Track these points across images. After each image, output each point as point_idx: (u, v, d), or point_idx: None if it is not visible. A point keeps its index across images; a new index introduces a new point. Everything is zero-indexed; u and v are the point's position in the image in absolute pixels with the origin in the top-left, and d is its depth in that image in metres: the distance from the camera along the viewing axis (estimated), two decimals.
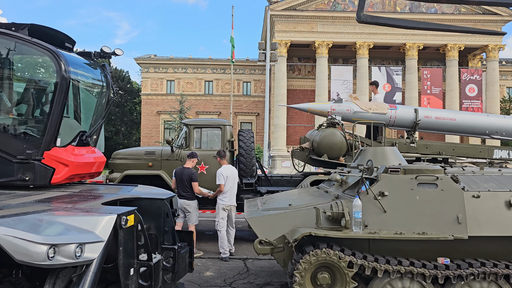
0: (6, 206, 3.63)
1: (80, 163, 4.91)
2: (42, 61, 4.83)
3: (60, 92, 4.57)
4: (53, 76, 4.67)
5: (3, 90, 4.92)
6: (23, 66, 5.01)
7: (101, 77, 5.44)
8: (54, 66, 4.57)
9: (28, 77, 5.00)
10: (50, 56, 4.57)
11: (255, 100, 43.29)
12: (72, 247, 3.05)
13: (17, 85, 4.95)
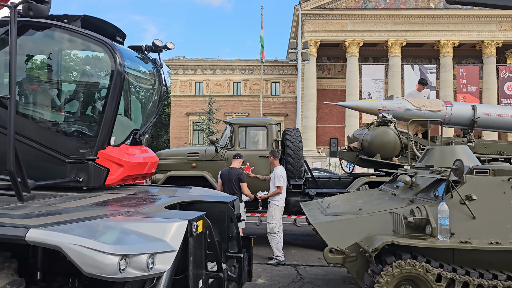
0: (65, 210, 3.32)
1: (135, 164, 4.58)
2: (96, 54, 4.52)
3: (115, 88, 4.25)
4: (107, 70, 4.36)
5: (54, 86, 4.65)
6: (76, 60, 4.74)
7: (153, 71, 5.12)
8: (109, 60, 4.25)
9: (80, 72, 4.71)
10: (105, 49, 4.25)
11: (284, 101, 42.78)
12: (144, 258, 2.68)
13: (69, 80, 4.68)
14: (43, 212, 3.18)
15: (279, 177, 7.63)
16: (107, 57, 4.27)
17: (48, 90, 4.66)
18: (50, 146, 4.29)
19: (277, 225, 7.65)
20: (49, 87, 4.67)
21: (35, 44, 4.55)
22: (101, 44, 4.26)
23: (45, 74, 4.65)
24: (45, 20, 4.26)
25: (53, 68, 4.55)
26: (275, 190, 7.65)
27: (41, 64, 4.61)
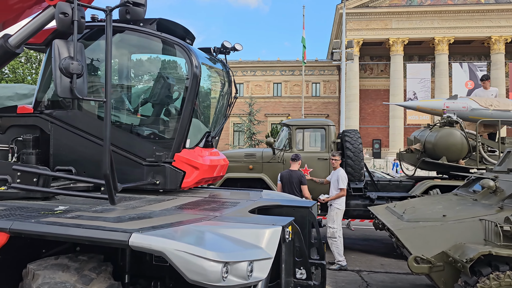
0: (153, 214, 3.29)
1: (210, 166, 4.54)
2: (173, 57, 4.52)
3: (191, 90, 4.22)
4: (184, 73, 4.34)
5: (130, 89, 4.69)
6: (152, 62, 4.76)
7: (223, 73, 5.06)
8: (186, 63, 4.23)
9: (156, 74, 4.73)
10: (182, 52, 4.23)
11: (325, 102, 42.23)
12: (244, 266, 2.59)
13: (145, 83, 4.71)
14: (133, 215, 3.17)
15: (344, 179, 7.44)
16: (183, 59, 4.25)
17: (125, 93, 4.71)
18: (127, 149, 4.32)
19: (338, 230, 7.45)
20: (126, 90, 4.71)
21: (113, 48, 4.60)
22: (178, 47, 4.24)
23: (122, 78, 4.70)
24: (122, 24, 4.30)
25: (130, 72, 4.58)
26: (339, 193, 7.44)
27: (118, 67, 4.66)
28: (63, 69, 2.85)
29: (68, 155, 4.48)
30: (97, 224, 2.80)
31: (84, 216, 3.10)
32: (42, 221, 2.88)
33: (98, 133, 4.38)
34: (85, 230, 2.64)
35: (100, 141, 4.36)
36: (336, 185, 7.44)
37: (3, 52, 4.36)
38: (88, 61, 4.82)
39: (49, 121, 4.53)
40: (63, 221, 2.91)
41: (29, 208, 3.44)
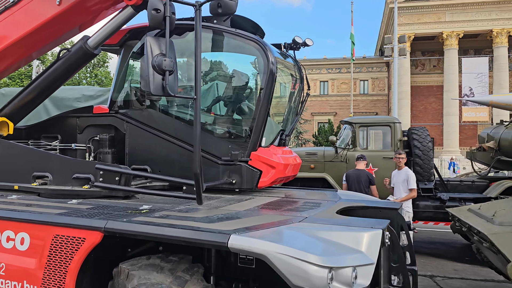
0: (240, 214, 3.20)
1: (284, 165, 4.40)
2: (248, 54, 4.42)
3: (267, 87, 4.10)
4: (260, 70, 4.22)
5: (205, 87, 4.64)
6: (227, 59, 4.69)
7: (295, 70, 4.91)
8: (262, 60, 4.11)
9: (230, 72, 4.66)
10: (258, 48, 4.12)
11: (373, 99, 41.11)
12: (349, 272, 2.41)
13: (219, 80, 4.65)
14: (221, 216, 3.09)
15: (414, 178, 7.04)
16: (260, 56, 4.14)
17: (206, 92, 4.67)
18: (202, 148, 4.26)
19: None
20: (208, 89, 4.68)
21: (188, 46, 4.58)
22: (254, 44, 4.14)
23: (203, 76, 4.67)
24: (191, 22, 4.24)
25: (204, 69, 4.54)
26: (411, 194, 7.05)
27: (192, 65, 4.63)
28: (156, 66, 2.81)
29: (143, 154, 4.50)
30: (189, 225, 2.73)
31: (172, 216, 3.05)
32: (134, 221, 2.86)
33: (172, 132, 4.37)
34: (182, 231, 2.57)
35: (175, 140, 4.36)
36: (406, 186, 7.05)
37: (82, 53, 4.45)
38: None
39: (125, 120, 4.57)
40: (154, 220, 2.87)
41: (115, 207, 3.46)
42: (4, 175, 4.34)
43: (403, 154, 7.27)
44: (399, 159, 7.26)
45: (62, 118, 5.01)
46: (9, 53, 4.70)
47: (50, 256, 2.95)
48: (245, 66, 4.57)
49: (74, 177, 4.01)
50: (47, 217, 3.01)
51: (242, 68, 4.57)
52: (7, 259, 3.12)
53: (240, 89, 4.48)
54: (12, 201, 3.78)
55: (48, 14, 4.35)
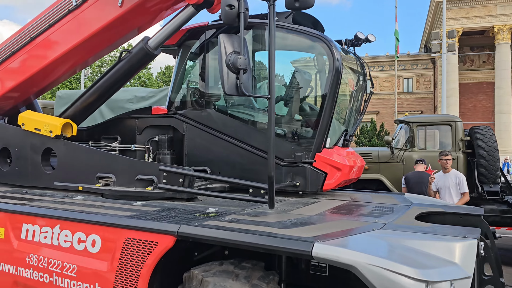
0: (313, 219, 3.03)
1: (350, 167, 4.20)
2: (313, 51, 4.26)
3: (333, 86, 3.93)
4: (325, 68, 4.05)
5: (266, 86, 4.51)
6: (290, 57, 4.55)
7: (357, 67, 4.69)
8: (327, 57, 3.94)
9: (295, 70, 4.51)
10: (323, 45, 3.96)
11: (418, 97, 39.71)
12: (447, 286, 2.20)
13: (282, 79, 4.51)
14: (294, 221, 2.94)
15: (465, 181, 6.56)
16: (325, 54, 3.97)
17: (259, 90, 4.56)
18: (264, 148, 4.15)
19: None
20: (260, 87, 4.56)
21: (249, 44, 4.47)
22: (319, 41, 3.97)
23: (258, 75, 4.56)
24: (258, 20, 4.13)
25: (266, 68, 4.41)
26: (464, 198, 6.59)
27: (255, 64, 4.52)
28: (230, 64, 2.70)
29: (203, 155, 4.44)
30: (264, 230, 2.60)
31: (243, 221, 2.94)
32: (206, 225, 2.77)
33: (232, 133, 4.28)
34: (261, 238, 2.44)
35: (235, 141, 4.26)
36: (457, 190, 6.53)
37: (143, 54, 4.45)
38: None
39: (184, 121, 4.53)
40: (226, 225, 2.77)
41: (181, 210, 3.39)
42: (69, 176, 4.40)
43: (449, 155, 6.73)
44: (446, 161, 6.70)
45: (121, 119, 5.05)
46: (70, 57, 4.77)
47: (121, 259, 2.91)
48: (309, 64, 4.40)
49: (138, 179, 4.00)
50: (119, 220, 2.98)
51: (306, 66, 4.41)
52: (79, 260, 3.12)
53: (304, 88, 4.32)
54: (78, 202, 3.81)
55: (110, 16, 4.37)
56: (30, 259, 3.36)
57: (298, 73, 4.38)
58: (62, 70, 5.04)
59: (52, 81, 5.34)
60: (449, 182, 6.62)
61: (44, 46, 4.75)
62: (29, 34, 4.83)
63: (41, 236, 3.35)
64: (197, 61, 4.70)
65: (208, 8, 4.34)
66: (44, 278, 3.28)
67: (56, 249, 3.25)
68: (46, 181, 4.54)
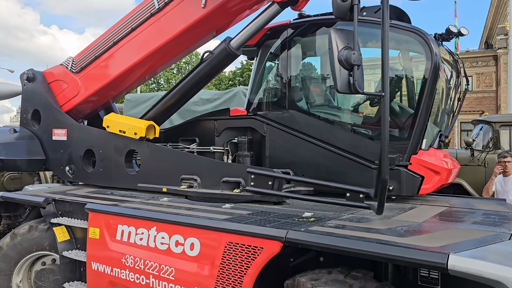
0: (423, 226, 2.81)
1: (448, 171, 3.90)
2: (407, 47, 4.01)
3: (431, 82, 3.66)
4: (421, 63, 3.79)
5: None
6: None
7: (452, 63, 4.37)
8: (424, 53, 3.68)
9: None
10: (419, 40, 3.71)
11: (478, 97, 37.51)
12: None
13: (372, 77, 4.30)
14: (405, 228, 2.73)
15: None
16: (422, 49, 3.70)
17: None
18: (352, 150, 3.96)
19: None
20: None
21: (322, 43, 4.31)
22: (414, 35, 3.72)
23: None
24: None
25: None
26: None
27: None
28: (343, 60, 2.54)
29: (285, 157, 4.32)
30: (380, 238, 2.42)
31: (350, 227, 2.77)
32: (314, 231, 2.63)
33: (317, 134, 4.12)
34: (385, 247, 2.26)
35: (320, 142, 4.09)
36: None
37: (225, 54, 4.40)
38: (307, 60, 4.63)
39: (265, 122, 4.43)
40: (335, 231, 2.61)
41: (276, 214, 3.27)
42: (152, 177, 4.43)
43: (509, 156, 6.10)
44: (505, 163, 6.06)
45: (199, 121, 5.04)
46: (148, 61, 4.82)
47: (222, 265, 2.83)
48: (403, 60, 4.15)
49: (224, 181, 3.94)
50: (220, 223, 2.90)
51: (400, 62, 4.17)
52: (177, 264, 3.08)
53: (396, 85, 4.09)
54: (170, 204, 3.80)
55: (193, 17, 4.36)
56: (126, 260, 3.38)
57: (391, 69, 4.14)
58: (140, 74, 5.11)
59: (130, 85, 5.45)
60: (509, 186, 6.04)
61: (126, 49, 4.83)
62: (112, 38, 4.93)
63: (137, 237, 3.36)
64: (278, 61, 4.59)
65: (293, 6, 4.22)
66: (140, 280, 3.28)
67: (153, 251, 3.23)
68: (129, 182, 4.60)
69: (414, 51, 3.85)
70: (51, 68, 5.60)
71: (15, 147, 5.20)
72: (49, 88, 5.41)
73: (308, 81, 4.51)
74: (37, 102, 5.34)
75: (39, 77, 5.42)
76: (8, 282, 4.27)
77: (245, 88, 8.42)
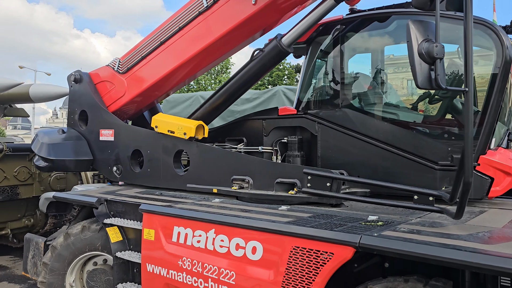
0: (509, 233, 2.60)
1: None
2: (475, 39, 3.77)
3: (501, 78, 3.42)
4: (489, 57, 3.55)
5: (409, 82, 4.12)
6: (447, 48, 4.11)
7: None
8: (494, 44, 3.44)
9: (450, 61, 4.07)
10: (488, 32, 3.47)
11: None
12: None
13: None
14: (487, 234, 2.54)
15: None
16: (491, 41, 3.47)
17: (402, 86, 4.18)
18: (412, 150, 3.76)
19: None
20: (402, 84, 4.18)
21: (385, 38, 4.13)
22: (483, 27, 3.50)
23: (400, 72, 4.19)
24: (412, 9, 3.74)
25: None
26: None
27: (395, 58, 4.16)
28: (425, 53, 2.37)
29: (338, 157, 4.16)
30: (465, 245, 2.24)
31: (425, 232, 2.59)
32: (388, 236, 2.47)
33: (374, 133, 3.94)
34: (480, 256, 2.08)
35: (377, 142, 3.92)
36: None
37: (277, 52, 4.29)
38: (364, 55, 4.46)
39: (316, 121, 4.28)
40: (412, 237, 2.45)
41: (338, 217, 3.13)
42: (202, 178, 4.37)
43: None
44: None
45: (246, 120, 4.95)
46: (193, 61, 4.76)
47: (288, 270, 2.71)
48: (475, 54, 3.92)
49: (278, 182, 3.83)
50: (286, 227, 2.78)
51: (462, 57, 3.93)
52: (238, 268, 2.99)
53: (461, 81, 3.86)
54: (223, 205, 3.72)
55: (243, 15, 4.26)
56: (183, 263, 3.32)
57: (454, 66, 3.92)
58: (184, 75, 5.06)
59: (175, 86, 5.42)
60: None
61: (173, 49, 4.79)
62: (159, 38, 4.90)
63: (194, 239, 3.29)
64: (329, 58, 4.44)
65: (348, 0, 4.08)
66: (198, 283, 3.21)
67: (211, 254, 3.15)
68: (178, 182, 4.55)
69: (482, 45, 3.61)
70: (97, 69, 5.64)
71: (64, 148, 5.26)
72: (95, 89, 5.44)
73: (363, 78, 4.34)
74: (84, 103, 5.38)
75: (86, 78, 5.47)
76: (62, 281, 4.30)
77: (285, 87, 8.28)
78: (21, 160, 6.68)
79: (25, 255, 4.89)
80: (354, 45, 4.34)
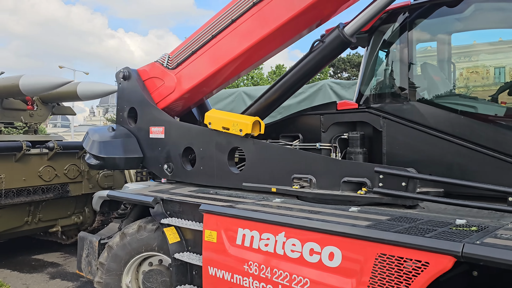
0: None
1: None
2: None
3: None
4: None
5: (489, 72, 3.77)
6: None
7: None
8: None
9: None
10: None
11: None
12: None
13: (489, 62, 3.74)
14: None
15: None
16: None
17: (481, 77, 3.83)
18: (493, 146, 3.42)
19: None
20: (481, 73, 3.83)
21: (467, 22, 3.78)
22: None
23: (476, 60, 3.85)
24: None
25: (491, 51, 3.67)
26: None
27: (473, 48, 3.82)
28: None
29: (406, 154, 3.85)
30: None
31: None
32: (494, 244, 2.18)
33: (447, 128, 3.62)
34: None
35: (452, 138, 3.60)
36: None
37: (339, 42, 4.01)
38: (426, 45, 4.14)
39: (381, 116, 3.98)
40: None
41: (421, 220, 2.85)
42: (259, 176, 4.17)
43: None
44: None
45: (302, 116, 4.71)
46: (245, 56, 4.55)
47: (373, 279, 2.47)
48: None
49: (345, 181, 3.58)
50: (370, 232, 2.53)
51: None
52: (312, 274, 2.77)
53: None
54: (286, 205, 3.50)
55: (301, 4, 4.01)
56: (249, 267, 3.13)
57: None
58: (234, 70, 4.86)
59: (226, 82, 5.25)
60: None
61: (226, 42, 4.60)
62: (210, 32, 4.73)
63: (261, 243, 3.09)
64: (394, 48, 4.13)
65: None
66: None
67: (282, 258, 2.95)
68: (233, 181, 4.38)
69: None
70: (145, 66, 5.54)
71: (114, 145, 5.19)
72: (144, 86, 5.34)
73: (434, 69, 4.01)
74: (134, 100, 5.29)
75: (134, 75, 5.38)
76: (118, 282, 4.22)
77: (331, 81, 7.98)
78: (70, 158, 6.72)
79: (79, 253, 4.85)
80: (423, 33, 4.01)
